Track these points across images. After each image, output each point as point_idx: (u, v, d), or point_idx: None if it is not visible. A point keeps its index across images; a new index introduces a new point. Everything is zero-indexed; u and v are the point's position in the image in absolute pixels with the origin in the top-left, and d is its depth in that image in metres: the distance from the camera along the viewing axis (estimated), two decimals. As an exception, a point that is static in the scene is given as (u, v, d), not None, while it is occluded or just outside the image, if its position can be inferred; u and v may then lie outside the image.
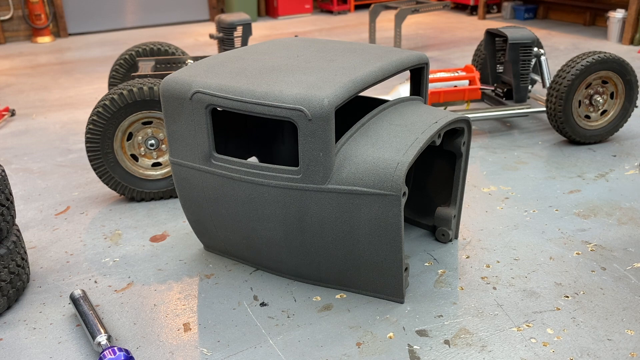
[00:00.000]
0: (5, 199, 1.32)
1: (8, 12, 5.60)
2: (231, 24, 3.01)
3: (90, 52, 4.97)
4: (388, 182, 1.17)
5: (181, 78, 1.32)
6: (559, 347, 1.15)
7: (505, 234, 1.62)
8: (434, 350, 1.16)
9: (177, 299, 1.37)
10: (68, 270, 1.52)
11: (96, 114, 1.78)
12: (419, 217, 1.67)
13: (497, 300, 1.32)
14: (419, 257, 1.51)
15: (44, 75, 4.10)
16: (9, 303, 1.35)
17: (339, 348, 1.18)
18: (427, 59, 1.51)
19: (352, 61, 1.37)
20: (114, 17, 6.13)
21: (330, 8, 6.86)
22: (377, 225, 1.22)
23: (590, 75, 2.18)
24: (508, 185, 1.94)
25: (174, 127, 1.36)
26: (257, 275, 1.46)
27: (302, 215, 1.27)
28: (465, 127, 1.45)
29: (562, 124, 2.23)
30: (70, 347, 1.22)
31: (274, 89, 1.21)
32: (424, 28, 5.48)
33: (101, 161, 1.82)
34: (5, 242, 1.33)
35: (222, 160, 1.31)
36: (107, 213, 1.85)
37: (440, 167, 1.61)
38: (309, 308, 1.32)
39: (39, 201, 1.97)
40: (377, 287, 1.32)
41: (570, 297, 1.31)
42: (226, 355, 1.18)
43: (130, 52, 2.70)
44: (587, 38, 4.67)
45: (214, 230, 1.46)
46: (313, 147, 1.19)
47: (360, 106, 1.64)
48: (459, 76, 2.52)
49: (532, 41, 2.42)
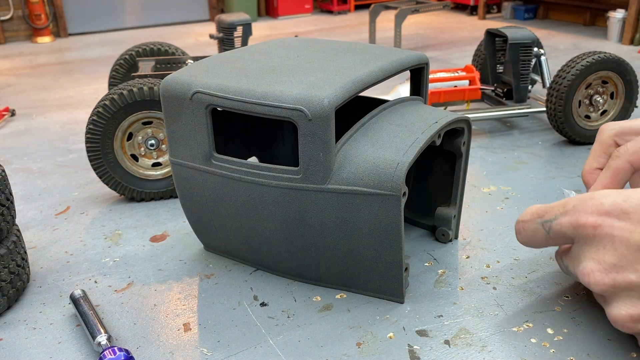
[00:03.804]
0: (5, 199, 1.32)
1: (8, 12, 5.60)
2: (231, 24, 3.02)
3: (90, 52, 4.97)
4: (388, 182, 1.17)
5: (181, 78, 1.32)
6: (559, 347, 1.15)
7: (505, 234, 1.62)
8: (434, 350, 1.16)
9: (177, 299, 1.37)
10: (68, 270, 1.52)
11: (96, 114, 1.78)
12: (419, 217, 1.67)
13: (497, 300, 1.32)
14: (419, 257, 1.51)
15: (44, 75, 4.10)
16: (9, 303, 1.35)
17: (339, 348, 1.18)
18: (427, 59, 1.51)
19: (352, 61, 1.37)
20: (114, 17, 6.13)
21: (330, 8, 6.86)
22: (377, 225, 1.22)
23: (590, 75, 2.18)
24: (508, 185, 1.94)
25: (174, 127, 1.36)
26: (257, 275, 1.46)
27: (302, 215, 1.27)
28: (465, 127, 1.45)
29: (562, 124, 2.23)
30: (70, 347, 1.22)
31: (274, 89, 1.21)
32: (424, 28, 5.48)
33: (101, 161, 1.82)
34: (6, 242, 1.33)
35: (222, 160, 1.31)
36: (107, 213, 1.85)
37: (440, 167, 1.61)
38: (309, 308, 1.32)
39: (39, 201, 1.97)
40: (377, 287, 1.32)
41: (570, 297, 1.31)
42: (226, 355, 1.18)
43: (130, 52, 2.70)
44: (587, 38, 4.67)
45: (214, 230, 1.46)
46: (313, 147, 1.19)
47: (360, 106, 1.64)
48: (459, 76, 2.52)
49: (532, 41, 2.42)
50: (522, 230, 1.23)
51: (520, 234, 1.24)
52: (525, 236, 1.23)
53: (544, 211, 1.17)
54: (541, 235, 1.18)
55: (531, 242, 1.23)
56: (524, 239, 1.24)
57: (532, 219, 1.20)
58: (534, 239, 1.20)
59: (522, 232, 1.23)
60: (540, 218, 1.17)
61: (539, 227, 1.17)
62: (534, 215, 1.19)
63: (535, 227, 1.18)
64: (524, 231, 1.22)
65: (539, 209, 1.19)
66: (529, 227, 1.20)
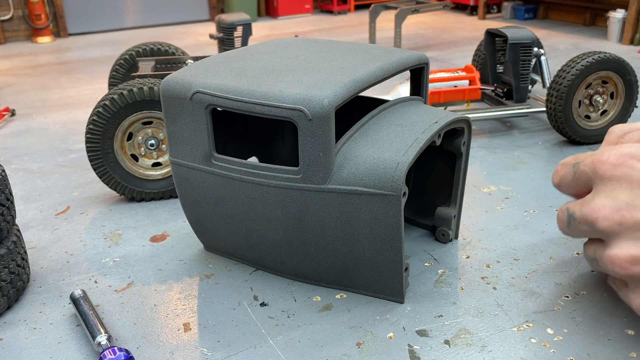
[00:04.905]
0: (5, 199, 1.32)
1: (8, 12, 5.60)
2: (231, 24, 3.01)
3: (90, 52, 4.97)
4: (388, 182, 1.17)
5: (181, 78, 1.32)
6: (559, 347, 1.15)
7: (505, 234, 1.62)
8: (434, 350, 1.16)
9: (177, 299, 1.37)
10: (68, 270, 1.52)
11: (96, 114, 1.78)
12: (419, 217, 1.67)
13: (497, 300, 1.32)
14: (419, 257, 1.51)
15: (44, 75, 4.10)
16: (9, 303, 1.35)
17: (339, 348, 1.18)
18: (427, 59, 1.51)
19: (352, 61, 1.37)
20: (114, 17, 6.12)
21: (330, 8, 6.86)
22: (377, 225, 1.22)
23: (590, 75, 2.18)
24: (508, 185, 1.94)
25: (174, 127, 1.36)
26: (257, 275, 1.46)
27: (302, 215, 1.27)
28: (465, 127, 1.45)
29: (562, 124, 2.23)
30: (70, 347, 1.22)
31: (274, 89, 1.21)
32: (424, 28, 5.48)
33: (101, 161, 1.82)
34: (6, 242, 1.33)
35: (222, 160, 1.31)
36: (107, 213, 1.85)
37: (440, 167, 1.61)
38: (309, 308, 1.32)
39: (39, 201, 1.97)
40: (377, 287, 1.32)
41: (570, 297, 1.31)
42: (226, 355, 1.18)
43: (130, 52, 2.70)
44: (587, 38, 4.67)
45: (214, 230, 1.46)
46: (313, 147, 1.19)
47: (360, 106, 1.64)
48: (459, 76, 2.52)
49: (532, 41, 2.42)
50: (558, 171, 1.30)
51: (556, 174, 1.30)
52: (559, 176, 1.28)
53: (580, 155, 1.25)
54: (569, 176, 1.24)
55: (561, 183, 1.28)
56: (557, 179, 1.29)
57: (568, 161, 1.27)
58: (564, 179, 1.26)
59: (557, 173, 1.29)
60: (575, 160, 1.25)
61: (570, 168, 1.24)
62: (571, 159, 1.27)
63: (568, 168, 1.26)
64: (559, 172, 1.29)
65: (578, 155, 1.27)
66: (564, 169, 1.27)
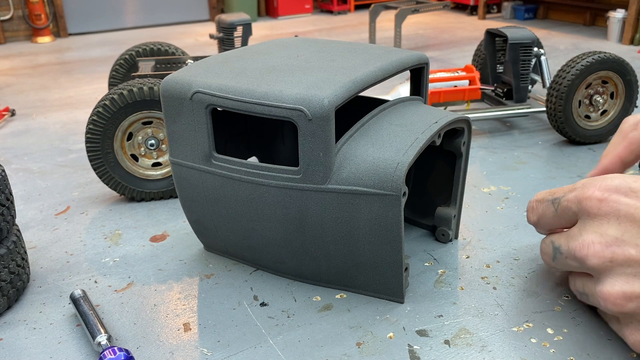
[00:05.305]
0: (5, 199, 1.32)
1: (8, 12, 5.60)
2: (231, 24, 3.02)
3: (90, 52, 4.97)
4: (388, 182, 1.17)
5: (181, 78, 1.32)
6: (559, 347, 1.15)
7: (505, 234, 1.62)
8: (434, 350, 1.16)
9: (177, 299, 1.37)
10: (68, 270, 1.52)
11: (96, 114, 1.78)
12: (419, 217, 1.67)
13: (497, 300, 1.32)
14: (419, 257, 1.51)
15: (44, 75, 4.10)
16: (9, 303, 1.35)
17: (339, 348, 1.18)
18: (427, 59, 1.51)
19: (352, 61, 1.37)
20: (114, 17, 6.13)
21: (330, 8, 6.86)
22: (377, 225, 1.22)
23: (590, 75, 2.18)
24: (508, 185, 1.94)
25: (174, 127, 1.36)
26: (257, 275, 1.46)
27: (302, 215, 1.27)
28: (465, 127, 1.45)
29: (562, 124, 2.23)
30: (70, 347, 1.22)
31: (274, 89, 1.21)
32: (424, 28, 5.48)
33: (101, 161, 1.82)
34: (6, 242, 1.33)
35: (222, 160, 1.31)
36: (107, 213, 1.85)
37: (440, 167, 1.61)
38: (309, 308, 1.32)
39: (39, 201, 1.97)
40: (377, 287, 1.32)
41: (570, 297, 1.31)
42: (226, 355, 1.18)
43: (130, 52, 2.70)
44: (587, 38, 4.67)
45: (214, 230, 1.46)
46: (313, 147, 1.19)
47: (360, 106, 1.64)
48: (459, 76, 2.52)
49: (532, 41, 2.42)
50: (533, 208, 1.26)
51: (532, 212, 1.27)
52: (536, 214, 1.25)
53: (556, 191, 1.21)
54: (550, 213, 1.20)
55: (540, 220, 1.25)
56: (534, 217, 1.26)
57: (544, 197, 1.23)
58: (544, 216, 1.23)
59: (534, 210, 1.26)
60: (552, 196, 1.21)
61: (549, 204, 1.21)
62: (547, 194, 1.23)
63: (546, 205, 1.22)
64: (535, 209, 1.26)
65: (552, 190, 1.23)
66: (541, 206, 1.24)
